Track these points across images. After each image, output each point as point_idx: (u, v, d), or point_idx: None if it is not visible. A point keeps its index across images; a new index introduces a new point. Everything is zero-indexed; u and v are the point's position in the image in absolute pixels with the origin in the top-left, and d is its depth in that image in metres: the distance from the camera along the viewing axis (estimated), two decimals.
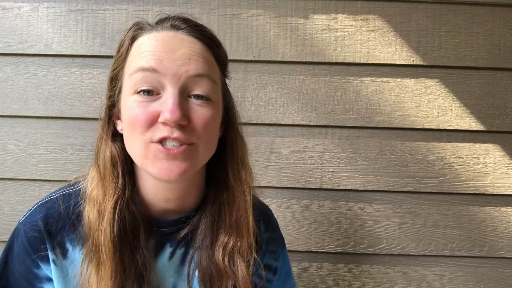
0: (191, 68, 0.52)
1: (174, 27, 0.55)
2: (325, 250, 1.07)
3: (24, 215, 0.62)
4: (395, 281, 1.08)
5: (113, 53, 1.03)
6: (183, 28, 0.55)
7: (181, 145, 0.52)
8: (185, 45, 0.53)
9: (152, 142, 0.52)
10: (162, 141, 0.52)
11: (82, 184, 0.62)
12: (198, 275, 0.62)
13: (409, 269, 1.07)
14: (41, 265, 0.60)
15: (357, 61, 1.04)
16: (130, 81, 0.53)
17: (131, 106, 0.53)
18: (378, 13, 1.04)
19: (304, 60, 1.04)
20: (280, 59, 1.04)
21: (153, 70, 0.51)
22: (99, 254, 0.56)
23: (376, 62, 1.04)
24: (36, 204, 0.62)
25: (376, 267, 1.08)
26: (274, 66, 1.05)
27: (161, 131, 0.51)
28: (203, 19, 1.03)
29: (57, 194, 0.62)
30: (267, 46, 1.04)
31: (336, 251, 1.07)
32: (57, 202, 0.61)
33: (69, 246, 0.60)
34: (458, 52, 1.05)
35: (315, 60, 1.04)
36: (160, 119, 0.51)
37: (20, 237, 0.60)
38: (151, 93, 0.52)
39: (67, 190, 0.63)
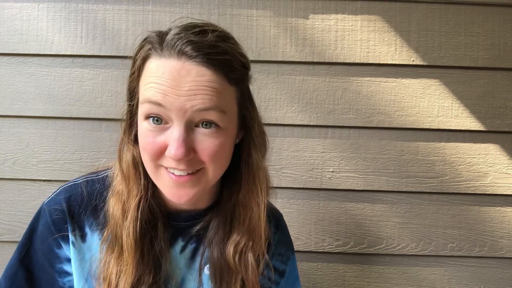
0: (197, 103, 0.50)
1: (183, 55, 0.50)
2: (325, 250, 1.07)
3: (49, 197, 0.64)
4: (395, 281, 1.08)
5: (113, 53, 1.04)
6: (192, 58, 0.50)
7: (188, 173, 0.54)
8: (191, 80, 0.50)
9: (162, 166, 0.55)
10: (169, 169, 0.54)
11: (108, 171, 0.65)
12: (208, 271, 0.64)
13: (409, 269, 1.07)
14: (63, 245, 0.62)
15: (357, 61, 1.04)
16: (141, 109, 0.54)
17: (143, 133, 0.54)
18: (378, 13, 1.04)
19: (304, 60, 1.04)
20: (280, 59, 1.04)
21: (158, 104, 0.51)
22: (121, 249, 0.59)
23: (376, 62, 1.04)
24: (60, 187, 0.65)
25: (376, 267, 1.08)
26: (274, 66, 1.05)
27: (168, 162, 0.53)
28: (203, 20, 1.03)
29: (81, 179, 0.65)
30: (267, 46, 1.04)
31: (336, 251, 1.07)
32: (81, 186, 0.63)
33: (88, 230, 0.62)
34: (458, 52, 1.05)
35: (315, 60, 1.04)
36: (167, 154, 0.52)
37: (44, 217, 0.62)
38: (160, 120, 0.53)
39: (91, 176, 0.65)
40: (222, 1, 1.04)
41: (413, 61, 1.04)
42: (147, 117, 0.53)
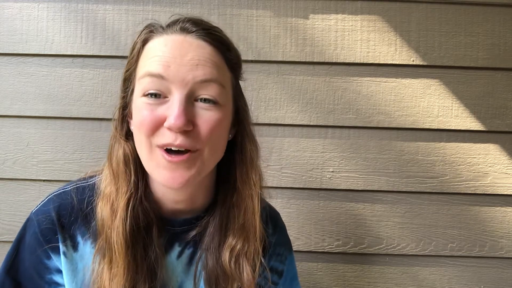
0: (198, 74, 0.52)
1: (184, 30, 0.54)
2: (325, 250, 1.07)
3: (37, 206, 0.62)
4: (395, 281, 1.08)
5: (113, 53, 1.04)
6: (192, 32, 0.54)
7: (185, 151, 0.52)
8: (193, 50, 0.53)
9: (157, 146, 0.53)
10: (165, 147, 0.53)
11: (97, 178, 0.63)
12: (204, 276, 0.63)
13: (409, 269, 1.07)
14: (52, 256, 0.60)
15: (357, 61, 1.04)
16: (139, 85, 0.54)
17: (140, 108, 0.53)
18: (378, 13, 1.04)
19: (304, 60, 1.04)
20: (280, 59, 1.04)
21: (160, 76, 0.51)
22: (112, 252, 0.57)
23: (376, 62, 1.04)
24: (49, 195, 0.62)
25: (376, 267, 1.08)
26: (274, 66, 1.05)
27: (165, 137, 0.52)
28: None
29: (70, 186, 0.63)
30: (267, 46, 1.04)
31: (336, 251, 1.07)
32: (70, 194, 0.61)
33: (80, 239, 0.60)
34: (458, 52, 1.05)
35: (315, 60, 1.04)
36: (165, 124, 0.51)
37: (32, 227, 0.60)
38: (158, 96, 0.52)
39: (81, 183, 0.63)
40: (222, 1, 1.04)
41: (413, 61, 1.04)
42: (145, 94, 0.53)
